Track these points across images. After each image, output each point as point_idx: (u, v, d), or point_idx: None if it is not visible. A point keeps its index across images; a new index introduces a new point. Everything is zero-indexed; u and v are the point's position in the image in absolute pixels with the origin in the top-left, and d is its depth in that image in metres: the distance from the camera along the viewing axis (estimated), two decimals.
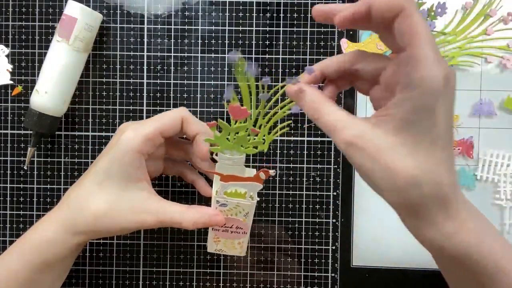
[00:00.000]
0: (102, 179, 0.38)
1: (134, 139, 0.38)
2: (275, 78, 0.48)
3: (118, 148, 0.38)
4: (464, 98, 0.48)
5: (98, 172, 0.38)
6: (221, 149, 0.36)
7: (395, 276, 0.49)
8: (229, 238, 0.41)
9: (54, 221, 0.39)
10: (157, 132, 0.38)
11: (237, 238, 0.41)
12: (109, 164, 0.38)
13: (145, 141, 0.38)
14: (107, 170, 0.38)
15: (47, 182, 0.49)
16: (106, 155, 0.39)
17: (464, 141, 0.48)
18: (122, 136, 0.38)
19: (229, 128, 0.35)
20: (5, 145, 0.49)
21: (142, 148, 0.38)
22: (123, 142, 0.38)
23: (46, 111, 0.45)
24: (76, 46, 0.45)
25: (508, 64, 0.47)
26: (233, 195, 0.38)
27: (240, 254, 0.43)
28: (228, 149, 0.36)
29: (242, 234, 0.41)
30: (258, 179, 0.37)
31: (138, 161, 0.38)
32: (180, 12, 0.49)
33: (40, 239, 0.38)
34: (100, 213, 0.37)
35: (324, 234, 0.49)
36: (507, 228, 0.48)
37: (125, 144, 0.38)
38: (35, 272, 0.38)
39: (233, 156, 0.37)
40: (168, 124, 0.39)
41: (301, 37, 0.48)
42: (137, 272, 0.49)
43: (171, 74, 0.49)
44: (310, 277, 0.49)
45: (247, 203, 0.38)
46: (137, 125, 0.39)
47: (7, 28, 0.49)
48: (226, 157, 0.37)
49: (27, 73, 0.49)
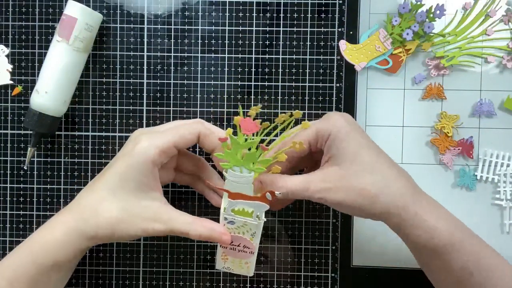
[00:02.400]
0: (116, 186, 0.38)
1: (149, 149, 0.38)
2: (275, 78, 0.48)
3: (133, 157, 0.38)
4: (464, 98, 0.48)
5: (112, 178, 0.39)
6: (231, 165, 0.37)
7: (395, 276, 0.49)
8: (236, 257, 0.41)
9: (65, 223, 0.39)
10: (172, 145, 0.39)
11: (244, 258, 0.41)
12: (123, 172, 0.38)
13: (160, 153, 0.38)
14: (121, 178, 0.38)
15: (47, 182, 0.49)
16: (120, 162, 0.39)
17: (464, 141, 0.48)
18: (137, 145, 0.38)
19: (239, 145, 0.35)
20: (5, 145, 0.49)
21: (156, 159, 0.38)
22: (138, 152, 0.38)
23: (46, 111, 0.45)
24: (76, 46, 0.45)
25: (508, 64, 0.47)
26: (241, 213, 0.38)
27: (248, 274, 0.43)
28: (238, 166, 0.37)
29: (249, 254, 0.41)
30: (265, 199, 0.37)
31: (151, 171, 0.38)
32: (180, 12, 0.49)
33: (50, 240, 0.38)
34: (112, 220, 0.38)
35: (324, 234, 0.49)
36: (507, 228, 0.48)
37: (140, 154, 0.38)
38: (43, 272, 0.38)
39: (242, 173, 0.37)
40: (184, 138, 0.39)
41: (301, 37, 0.48)
42: (137, 272, 0.49)
43: (171, 74, 0.49)
44: (310, 277, 0.49)
45: (254, 222, 0.39)
46: (152, 134, 0.39)
47: (7, 28, 0.49)
48: (234, 175, 0.37)
49: (27, 73, 0.49)
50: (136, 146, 0.38)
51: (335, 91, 0.48)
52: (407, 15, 0.47)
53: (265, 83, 0.48)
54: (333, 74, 0.48)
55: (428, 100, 0.48)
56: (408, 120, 0.49)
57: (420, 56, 0.48)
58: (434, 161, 0.48)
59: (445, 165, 0.48)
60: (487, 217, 0.48)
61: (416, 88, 0.48)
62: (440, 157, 0.48)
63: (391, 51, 0.48)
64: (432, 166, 0.48)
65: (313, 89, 0.48)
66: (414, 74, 0.48)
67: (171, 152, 0.39)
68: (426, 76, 0.48)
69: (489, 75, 0.48)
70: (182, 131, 0.40)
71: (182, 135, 0.39)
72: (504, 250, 0.36)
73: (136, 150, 0.38)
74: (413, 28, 0.46)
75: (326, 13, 0.48)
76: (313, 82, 0.48)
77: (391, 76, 0.48)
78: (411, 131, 0.49)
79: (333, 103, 0.48)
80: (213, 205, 0.45)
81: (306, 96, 0.48)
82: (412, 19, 0.47)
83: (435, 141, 0.48)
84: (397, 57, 0.48)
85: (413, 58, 0.48)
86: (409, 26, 0.47)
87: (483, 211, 0.48)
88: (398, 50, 0.48)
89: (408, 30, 0.47)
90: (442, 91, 0.48)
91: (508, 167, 0.48)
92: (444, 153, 0.48)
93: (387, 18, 0.47)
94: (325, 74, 0.48)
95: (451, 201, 0.48)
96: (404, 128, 0.49)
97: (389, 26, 0.47)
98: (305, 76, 0.48)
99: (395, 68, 0.48)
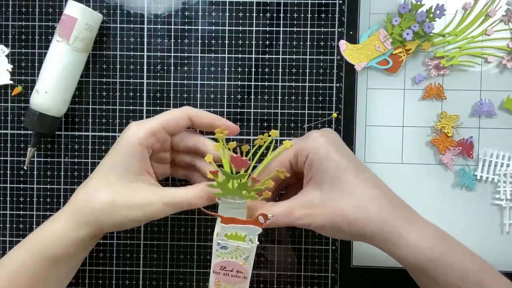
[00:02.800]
0: (107, 172, 0.39)
1: (137, 132, 0.39)
2: (275, 78, 0.48)
3: (122, 142, 0.39)
4: (464, 98, 0.48)
5: (102, 167, 0.40)
6: (224, 194, 0.37)
7: (395, 276, 0.49)
8: (229, 283, 0.41)
9: (63, 215, 0.40)
10: (160, 127, 0.40)
11: (237, 284, 0.41)
12: (113, 158, 0.40)
13: (148, 134, 0.39)
14: (111, 164, 0.39)
15: (47, 182, 0.49)
16: (111, 151, 0.40)
17: (464, 141, 0.48)
18: (126, 132, 0.40)
19: (230, 176, 0.36)
20: (5, 145, 0.49)
21: (144, 140, 0.39)
22: (126, 136, 0.39)
23: (46, 111, 0.45)
24: (76, 46, 0.45)
25: (508, 64, 0.47)
26: (234, 238, 0.38)
27: None
28: (230, 195, 0.37)
29: (242, 278, 0.40)
30: (257, 222, 0.38)
31: (140, 153, 0.39)
32: (180, 12, 0.49)
33: (49, 233, 0.39)
34: (106, 202, 0.38)
35: None
36: (507, 228, 0.48)
37: (128, 137, 0.39)
38: (42, 267, 0.39)
39: (235, 200, 0.38)
40: (172, 120, 0.40)
41: (301, 37, 0.48)
42: (137, 272, 0.49)
43: (171, 74, 0.49)
44: (310, 277, 0.49)
45: (247, 246, 0.39)
46: (142, 121, 0.41)
47: (7, 28, 0.49)
48: (228, 201, 0.38)
49: (27, 73, 0.49)
50: (125, 133, 0.40)
51: (335, 91, 0.48)
52: (407, 15, 0.47)
53: (265, 83, 0.49)
54: (333, 74, 0.48)
55: (428, 100, 0.48)
56: (408, 120, 0.49)
57: (420, 56, 0.48)
58: (434, 161, 0.48)
59: (445, 165, 0.48)
60: (487, 217, 0.48)
61: (416, 88, 0.48)
62: (440, 157, 0.48)
63: (391, 51, 0.48)
64: (432, 166, 0.48)
65: (313, 89, 0.48)
66: (414, 74, 0.48)
67: (160, 134, 0.40)
68: (426, 76, 0.48)
69: (489, 75, 0.48)
70: (170, 114, 0.41)
71: (170, 117, 0.40)
72: (504, 250, 0.36)
73: (124, 135, 0.39)
74: (413, 28, 0.46)
75: (326, 13, 0.48)
76: (313, 82, 0.48)
77: (391, 76, 0.48)
78: (411, 131, 0.49)
79: (333, 103, 0.48)
80: None
81: (306, 96, 0.48)
82: (412, 19, 0.47)
83: (435, 141, 0.48)
84: (397, 57, 0.48)
85: (413, 58, 0.48)
86: (409, 26, 0.47)
87: (483, 211, 0.48)
88: (398, 50, 0.48)
89: (408, 30, 0.47)
90: (442, 91, 0.48)
91: (508, 167, 0.48)
92: (444, 153, 0.48)
93: (387, 18, 0.47)
94: (325, 74, 0.48)
95: (451, 201, 0.48)
96: (404, 128, 0.49)
97: (389, 26, 0.47)
98: (305, 76, 0.48)
99: (395, 68, 0.48)
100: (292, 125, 0.49)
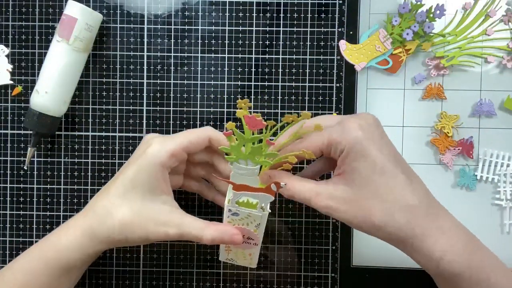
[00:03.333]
0: (127, 189, 0.39)
1: (160, 152, 0.39)
2: (275, 78, 0.48)
3: (144, 160, 0.39)
4: (464, 98, 0.48)
5: (124, 182, 0.39)
6: (236, 159, 0.37)
7: (395, 276, 0.49)
8: (239, 248, 0.41)
9: (79, 227, 0.39)
10: (182, 148, 0.39)
11: (248, 249, 0.41)
12: (134, 175, 0.39)
13: (170, 156, 0.39)
14: (132, 180, 0.39)
15: (47, 182, 0.49)
16: (132, 165, 0.39)
17: (464, 141, 0.48)
18: (148, 149, 0.39)
19: (244, 139, 0.35)
20: (5, 145, 0.49)
21: (167, 162, 0.39)
22: (149, 155, 0.39)
23: (46, 111, 0.45)
24: (76, 46, 0.45)
25: (508, 64, 0.47)
26: (245, 205, 0.38)
27: (251, 266, 0.43)
28: (243, 159, 0.37)
29: (253, 245, 0.41)
30: (270, 190, 0.37)
31: (162, 174, 0.39)
32: (180, 12, 0.49)
33: (63, 244, 0.39)
34: (124, 221, 0.38)
35: (324, 234, 0.49)
36: (507, 228, 0.48)
37: (151, 157, 0.39)
38: (54, 276, 0.39)
39: (247, 166, 0.37)
40: (194, 142, 0.40)
41: (301, 37, 0.48)
42: (137, 272, 0.49)
43: (171, 74, 0.49)
44: (310, 277, 0.49)
45: (258, 214, 0.38)
46: (163, 138, 0.40)
47: (7, 28, 0.49)
48: (240, 167, 0.37)
49: (27, 73, 0.49)
50: (147, 150, 0.39)
51: (335, 91, 0.48)
52: (407, 15, 0.47)
53: (265, 83, 0.48)
54: (333, 74, 0.48)
55: (428, 100, 0.48)
56: (408, 120, 0.49)
57: (420, 56, 0.48)
58: (434, 161, 0.48)
59: (445, 165, 0.48)
60: (487, 217, 0.48)
61: (416, 88, 0.48)
62: (440, 157, 0.48)
63: (391, 51, 0.48)
64: (432, 166, 0.48)
65: (313, 89, 0.48)
66: (414, 74, 0.48)
67: (180, 156, 0.40)
68: (426, 76, 0.48)
69: (489, 75, 0.48)
70: (192, 135, 0.40)
71: (192, 139, 0.40)
72: (504, 250, 0.36)
73: (147, 153, 0.39)
74: (413, 28, 0.46)
75: (326, 13, 0.48)
76: (313, 82, 0.48)
77: (391, 76, 0.48)
78: (411, 131, 0.49)
79: (333, 103, 0.48)
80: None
81: (306, 96, 0.48)
82: (412, 19, 0.47)
83: (435, 141, 0.48)
84: (397, 57, 0.48)
85: (413, 58, 0.48)
86: (409, 26, 0.47)
87: (483, 211, 0.48)
88: (398, 50, 0.48)
89: (408, 30, 0.47)
90: (442, 91, 0.48)
91: (508, 167, 0.48)
92: (444, 153, 0.48)
93: (387, 18, 0.47)
94: (325, 74, 0.48)
95: (451, 201, 0.48)
96: (404, 128, 0.49)
97: (389, 26, 0.47)
98: (305, 76, 0.48)
99: (395, 68, 0.48)
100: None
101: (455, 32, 0.47)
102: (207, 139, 0.40)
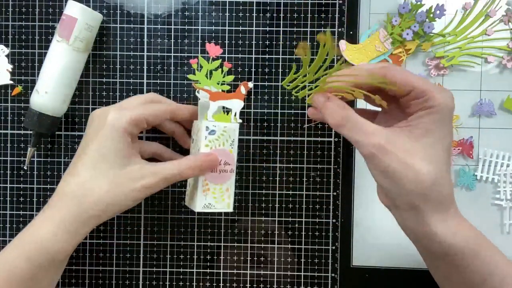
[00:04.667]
0: (96, 161, 0.39)
1: (121, 119, 0.39)
2: (275, 78, 0.48)
3: (106, 129, 0.39)
4: (464, 98, 0.48)
5: (90, 155, 0.39)
6: (202, 85, 0.43)
7: (395, 276, 0.49)
8: (218, 183, 0.42)
9: (57, 214, 0.38)
10: (143, 118, 0.40)
11: (226, 180, 0.43)
12: (99, 145, 0.39)
13: (131, 121, 0.40)
14: (99, 150, 0.39)
15: (47, 182, 0.49)
16: (94, 139, 0.39)
17: (464, 141, 0.48)
18: (107, 118, 0.39)
19: (207, 65, 0.44)
20: (5, 145, 0.49)
21: (127, 127, 0.39)
22: (110, 122, 0.39)
23: (46, 111, 0.45)
24: (76, 46, 0.45)
25: (508, 64, 0.47)
26: (220, 119, 0.43)
27: (228, 209, 0.43)
28: (207, 85, 0.44)
29: (229, 172, 0.43)
30: (239, 94, 0.44)
31: (126, 139, 0.40)
32: (180, 12, 0.49)
33: (44, 235, 0.38)
34: (104, 194, 0.38)
35: (324, 234, 0.49)
36: (507, 228, 0.48)
37: (112, 124, 0.39)
38: (38, 269, 0.38)
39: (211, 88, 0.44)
40: (156, 115, 0.42)
41: (301, 37, 0.48)
42: (137, 272, 0.49)
43: (171, 74, 0.49)
44: (310, 277, 0.49)
45: (232, 126, 0.43)
46: (117, 107, 0.41)
47: (7, 28, 0.49)
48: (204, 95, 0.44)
49: (27, 73, 0.49)
50: (107, 119, 0.39)
51: None
52: (407, 15, 0.47)
53: (265, 83, 0.48)
54: None
55: None
56: None
57: (420, 56, 0.48)
58: None
59: None
60: (487, 217, 0.48)
61: None
62: None
63: (391, 51, 0.48)
64: None
65: None
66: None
67: (141, 124, 0.41)
68: (426, 76, 0.48)
69: (489, 75, 0.48)
70: (155, 109, 0.42)
71: (154, 112, 0.42)
72: (504, 250, 0.36)
73: (107, 121, 0.39)
74: (413, 28, 0.46)
75: (326, 13, 0.48)
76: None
77: None
78: None
79: None
80: None
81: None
82: (412, 19, 0.47)
83: None
84: (397, 57, 0.48)
85: (413, 58, 0.48)
86: (409, 26, 0.47)
87: (483, 211, 0.48)
88: (398, 50, 0.48)
89: (408, 30, 0.47)
90: None
91: (508, 167, 0.48)
92: None
93: (387, 18, 0.47)
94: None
95: None
96: None
97: (389, 26, 0.47)
98: None
99: None
100: (292, 125, 0.49)
101: (455, 32, 0.47)
102: (170, 112, 0.43)
